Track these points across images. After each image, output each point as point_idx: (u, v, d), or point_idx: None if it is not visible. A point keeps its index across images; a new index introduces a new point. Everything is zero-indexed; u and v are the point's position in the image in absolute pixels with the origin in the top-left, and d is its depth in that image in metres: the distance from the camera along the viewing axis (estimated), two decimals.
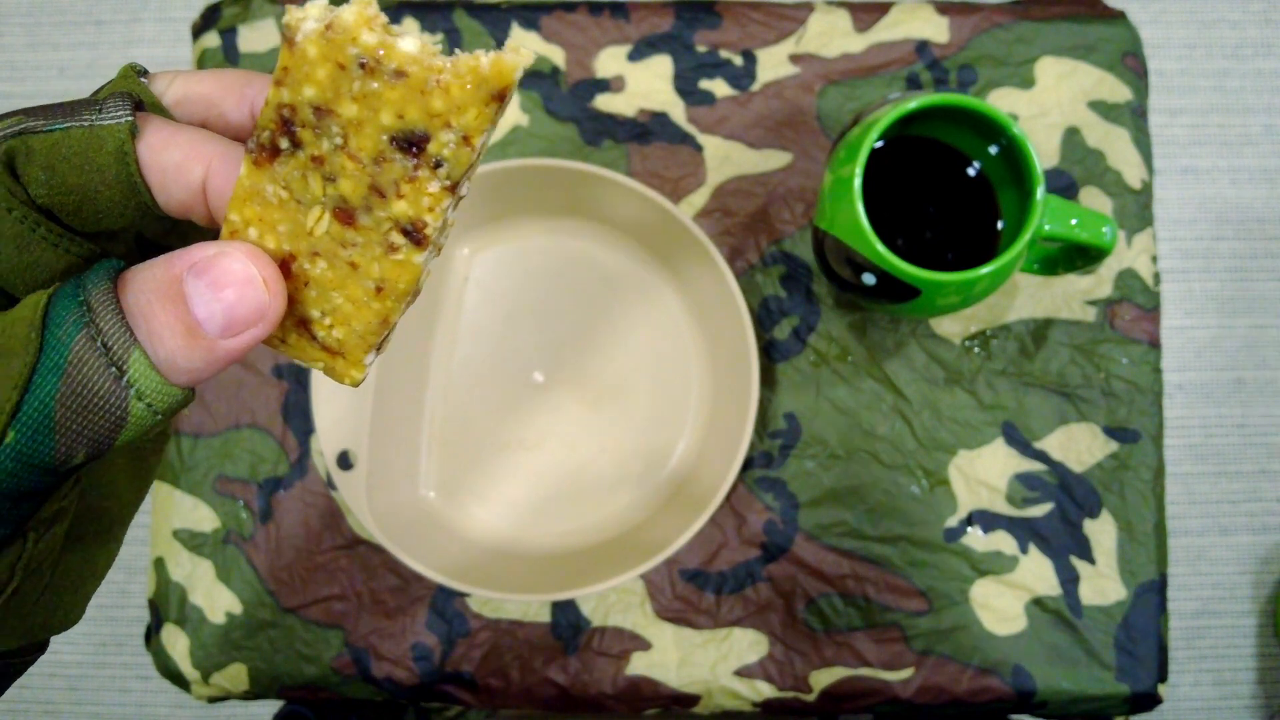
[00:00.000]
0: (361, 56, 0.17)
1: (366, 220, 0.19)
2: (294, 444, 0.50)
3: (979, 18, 0.52)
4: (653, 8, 0.53)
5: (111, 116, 0.18)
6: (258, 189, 0.18)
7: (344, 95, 0.17)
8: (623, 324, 0.51)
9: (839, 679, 0.48)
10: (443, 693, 0.49)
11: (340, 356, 0.21)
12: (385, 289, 0.19)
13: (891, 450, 0.50)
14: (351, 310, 0.20)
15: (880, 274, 0.40)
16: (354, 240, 0.19)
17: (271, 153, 0.18)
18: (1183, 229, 1.06)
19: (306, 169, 0.18)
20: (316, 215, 0.19)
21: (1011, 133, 0.40)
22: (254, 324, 0.18)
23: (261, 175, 0.18)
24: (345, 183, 0.18)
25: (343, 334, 0.20)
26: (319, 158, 0.18)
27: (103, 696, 1.02)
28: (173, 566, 0.50)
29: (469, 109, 0.17)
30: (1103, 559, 0.49)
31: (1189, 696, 0.99)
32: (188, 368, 0.18)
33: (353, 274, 0.19)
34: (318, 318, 0.20)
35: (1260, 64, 1.08)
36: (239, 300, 0.18)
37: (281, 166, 0.18)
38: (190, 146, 0.19)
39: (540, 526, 0.49)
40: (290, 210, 0.19)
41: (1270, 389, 1.03)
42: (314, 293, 0.20)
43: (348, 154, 0.18)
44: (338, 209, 0.19)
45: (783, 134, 0.52)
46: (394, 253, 0.19)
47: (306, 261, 0.19)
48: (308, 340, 0.21)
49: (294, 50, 0.17)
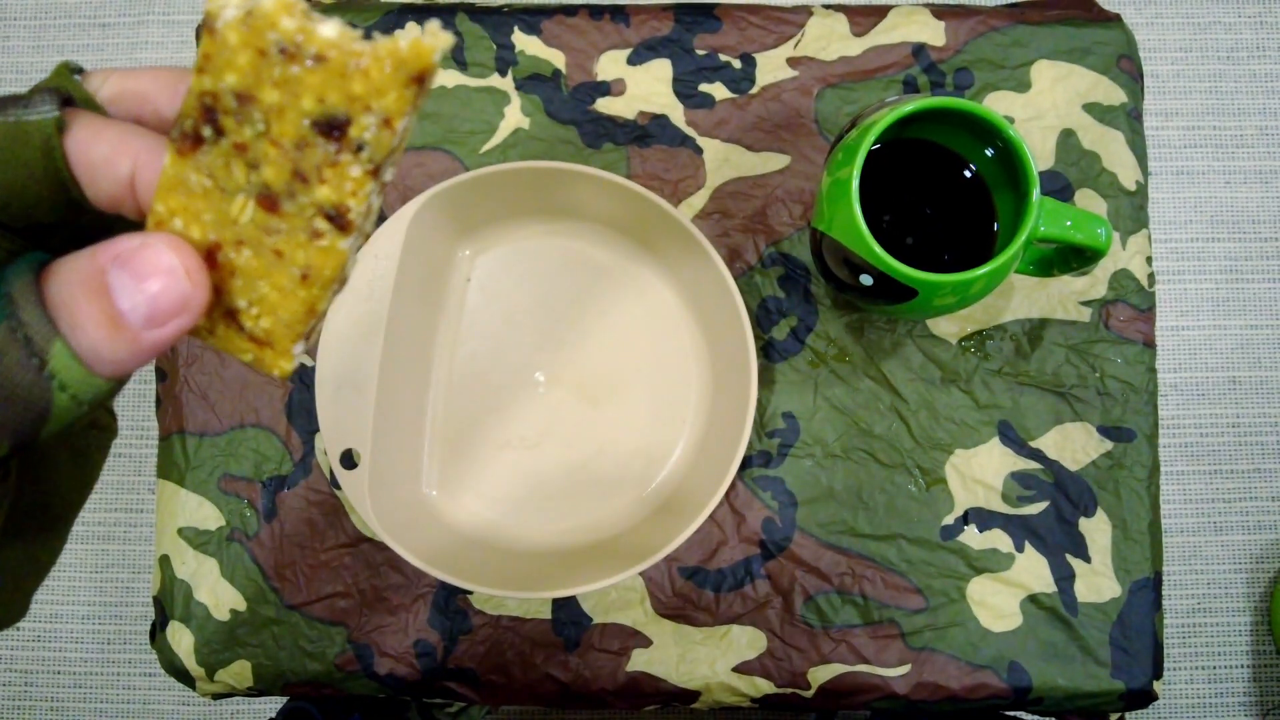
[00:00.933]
0: (281, 42, 0.17)
1: (290, 206, 0.19)
2: (298, 443, 0.51)
3: (975, 21, 0.53)
4: (652, 11, 0.54)
5: (37, 112, 0.18)
6: (182, 178, 0.19)
7: (265, 81, 0.17)
8: (623, 324, 0.51)
9: (837, 675, 0.48)
10: (445, 689, 0.50)
11: (268, 347, 0.21)
12: (311, 276, 0.19)
13: (889, 449, 0.50)
14: (278, 299, 0.20)
15: (877, 275, 0.40)
16: (278, 227, 0.19)
17: (194, 141, 0.18)
18: (1177, 230, 1.06)
19: (230, 157, 0.18)
20: (241, 203, 0.19)
21: (1007, 135, 0.40)
22: (178, 315, 0.18)
23: (185, 164, 0.18)
24: (268, 169, 0.18)
25: (270, 324, 0.20)
26: (242, 145, 0.18)
27: (108, 693, 1.02)
28: (177, 564, 0.50)
29: (389, 92, 0.17)
30: (1098, 557, 0.49)
31: (1184, 693, 1.00)
32: (112, 359, 0.18)
33: (278, 262, 0.19)
34: (244, 308, 0.20)
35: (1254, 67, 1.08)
36: (162, 291, 0.18)
37: (205, 155, 0.18)
38: (118, 140, 0.19)
39: (541, 525, 0.50)
40: (215, 199, 0.19)
41: (1264, 389, 1.04)
42: (240, 282, 0.20)
43: (270, 140, 0.18)
44: (261, 195, 0.19)
45: (781, 136, 0.52)
46: (318, 239, 0.19)
47: (232, 250, 0.19)
48: (235, 331, 0.21)
49: (215, 37, 0.17)
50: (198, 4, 1.13)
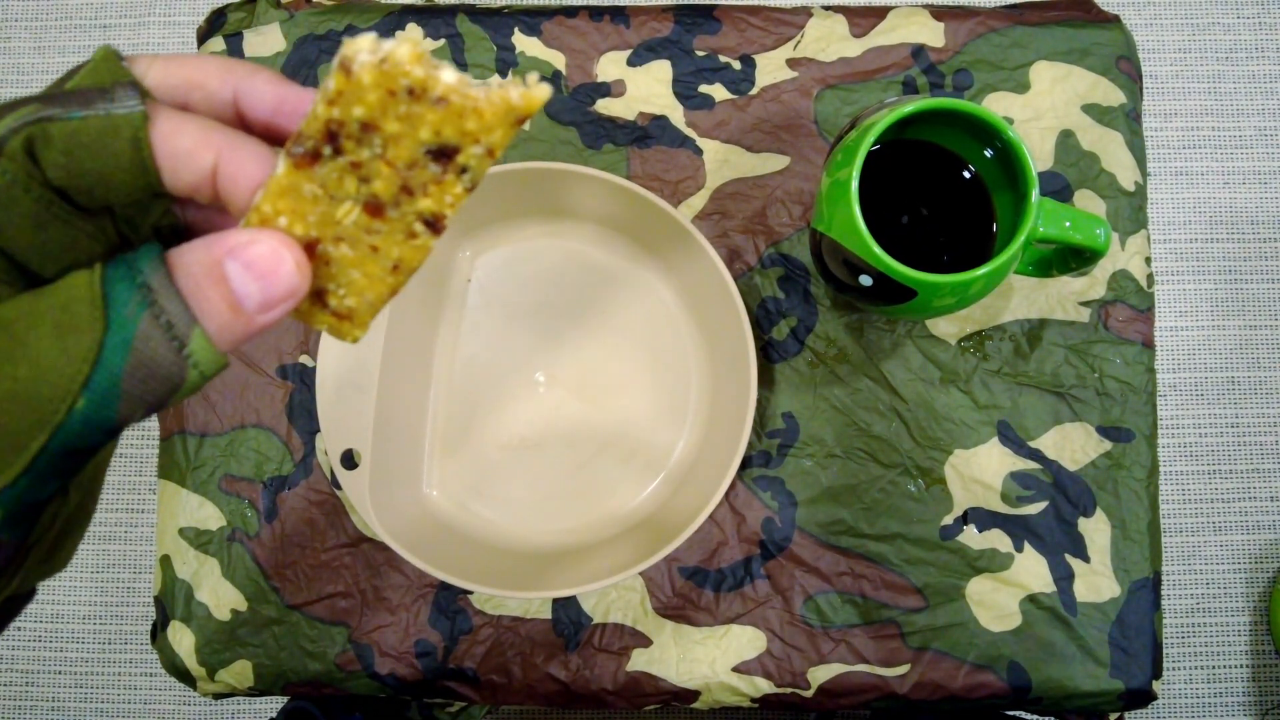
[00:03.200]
0: (410, 85, 0.19)
1: (393, 213, 0.21)
2: (299, 443, 0.51)
3: (974, 23, 0.53)
4: (652, 13, 0.54)
5: (125, 106, 0.20)
6: (295, 186, 0.20)
7: (390, 115, 0.19)
8: (623, 325, 0.51)
9: (836, 675, 0.49)
10: (445, 689, 0.50)
11: (348, 320, 0.23)
12: (401, 267, 0.22)
13: (888, 449, 0.50)
14: (366, 284, 0.22)
15: (877, 276, 0.40)
16: (378, 228, 0.21)
17: (313, 158, 0.20)
18: (1176, 231, 1.07)
19: (344, 172, 0.20)
20: (347, 209, 0.21)
21: (1006, 136, 0.40)
22: (285, 300, 0.21)
23: (300, 176, 0.20)
24: (379, 183, 0.20)
25: (355, 303, 0.22)
26: (357, 163, 0.20)
27: (109, 693, 1.02)
28: (179, 564, 0.51)
29: (496, 130, 0.20)
30: (1097, 557, 0.49)
31: (1183, 693, 1.00)
32: (230, 338, 0.20)
33: (373, 255, 0.22)
34: (333, 290, 0.22)
35: (1253, 67, 1.09)
36: (273, 281, 0.20)
37: (320, 169, 0.20)
38: (200, 134, 0.20)
39: (541, 524, 0.50)
40: (322, 204, 0.21)
41: (1263, 389, 1.04)
42: (334, 269, 0.22)
43: (385, 161, 0.20)
44: (368, 203, 0.21)
45: (780, 137, 0.52)
46: (414, 239, 0.21)
47: (331, 245, 0.21)
48: (319, 308, 0.23)
49: (350, 77, 0.19)
50: (198, 6, 1.13)
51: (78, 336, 0.19)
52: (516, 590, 0.44)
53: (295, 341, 0.52)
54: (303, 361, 0.52)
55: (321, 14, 0.54)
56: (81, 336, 0.19)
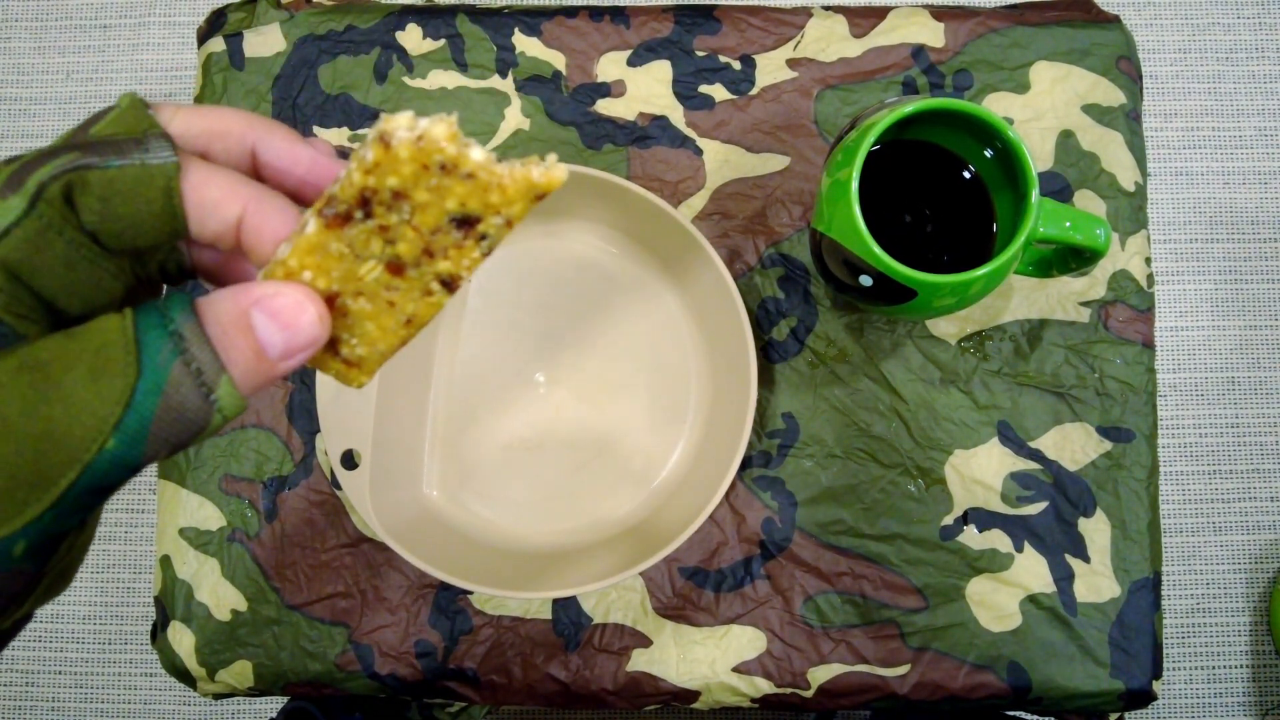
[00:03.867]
0: (443, 161, 0.20)
1: (413, 273, 0.22)
2: (299, 444, 0.51)
3: (974, 23, 0.53)
4: (652, 13, 0.54)
5: (159, 156, 0.21)
6: (323, 245, 0.22)
7: (421, 186, 0.21)
8: (623, 325, 0.51)
9: (836, 675, 0.49)
10: (445, 689, 0.50)
11: (356, 368, 0.24)
12: (414, 321, 0.23)
13: (888, 449, 0.50)
14: (379, 335, 0.23)
15: (877, 276, 0.40)
16: (398, 285, 0.23)
17: (344, 220, 0.21)
18: (1176, 231, 1.07)
19: (372, 234, 0.22)
20: (370, 267, 0.22)
21: (1006, 136, 0.40)
22: (306, 349, 0.22)
23: (329, 235, 0.21)
24: (403, 245, 0.22)
25: (365, 351, 0.24)
26: (385, 226, 0.21)
27: (109, 693, 1.02)
28: (179, 564, 0.51)
29: (517, 203, 0.22)
30: (1097, 557, 0.49)
31: (1183, 693, 1.00)
32: (253, 384, 0.21)
33: (389, 310, 0.23)
34: (346, 339, 0.23)
35: (1253, 68, 1.09)
36: (296, 332, 0.21)
37: (350, 230, 0.21)
38: (229, 187, 0.22)
39: (541, 525, 0.50)
40: (348, 262, 0.22)
41: (1263, 389, 1.04)
42: (350, 321, 0.23)
43: (411, 226, 0.22)
44: (390, 263, 0.22)
45: (780, 138, 0.52)
46: (429, 296, 0.23)
47: (350, 299, 0.23)
48: (332, 355, 0.24)
49: (389, 151, 0.20)
50: (198, 6, 1.13)
51: (111, 380, 0.19)
52: (516, 590, 0.44)
53: None
54: None
55: (321, 14, 0.54)
56: (115, 380, 0.20)
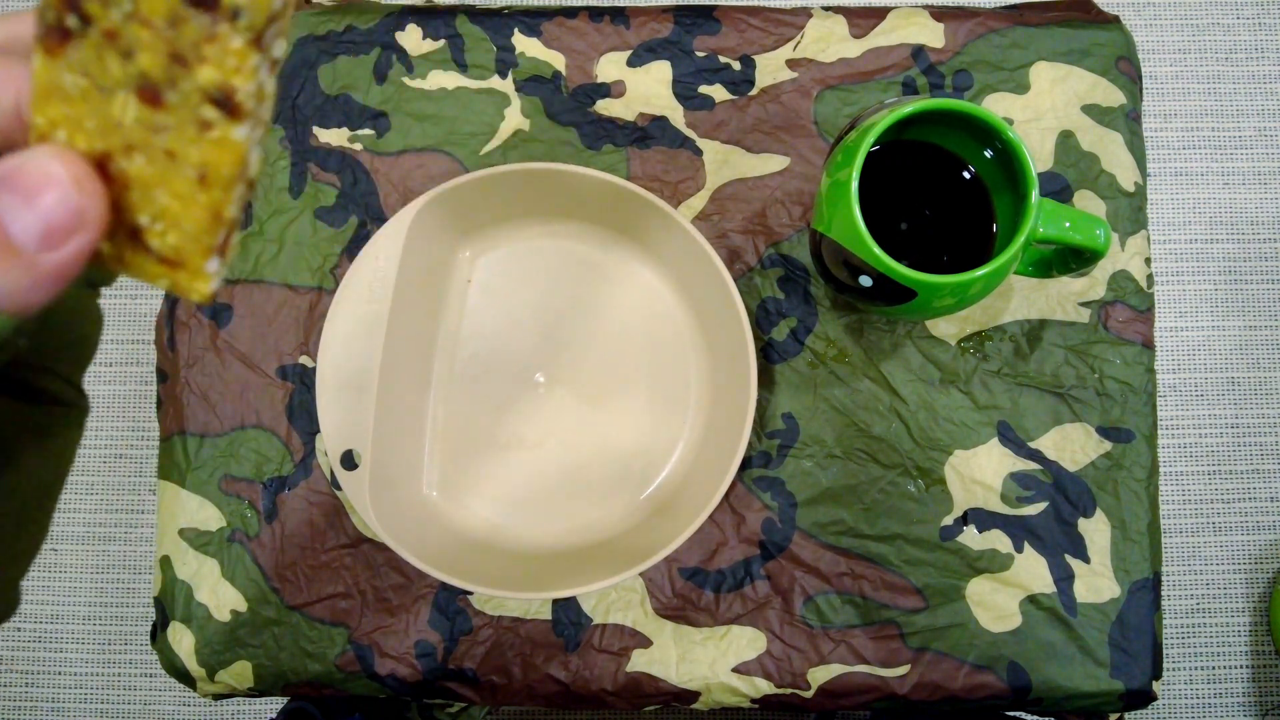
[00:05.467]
0: None
1: (173, 96, 0.18)
2: (298, 444, 0.51)
3: (974, 23, 0.53)
4: (652, 14, 0.54)
5: None
6: (56, 82, 0.18)
7: None
8: (623, 325, 0.51)
9: (836, 676, 0.49)
10: (445, 689, 0.50)
11: (180, 268, 0.20)
12: (209, 176, 0.18)
13: (888, 450, 0.50)
14: (179, 209, 0.19)
15: (877, 276, 0.40)
16: (165, 123, 0.18)
17: (61, 35, 0.17)
18: (1176, 232, 1.07)
19: (101, 47, 0.17)
20: (121, 101, 0.18)
21: (1006, 137, 0.40)
22: (74, 231, 0.17)
23: (56, 64, 0.17)
24: (143, 55, 0.17)
25: (176, 238, 0.19)
26: (112, 31, 0.17)
27: (109, 694, 1.02)
28: (178, 565, 0.51)
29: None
30: (1097, 557, 0.49)
31: (1183, 694, 1.00)
32: (11, 289, 0.17)
33: (172, 165, 0.18)
34: (147, 225, 0.19)
35: (1253, 68, 1.09)
36: (52, 206, 0.17)
37: (75, 51, 0.17)
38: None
39: (541, 525, 0.50)
40: (94, 100, 0.18)
41: (1263, 389, 1.04)
42: (137, 194, 0.19)
43: (140, 21, 0.17)
44: (141, 89, 0.17)
45: (780, 138, 0.52)
46: (209, 130, 0.18)
47: (123, 158, 0.18)
48: (144, 255, 0.20)
49: None
50: None
51: None
52: (516, 590, 0.44)
53: (295, 342, 0.52)
54: (303, 362, 0.52)
55: (321, 14, 0.54)
56: None
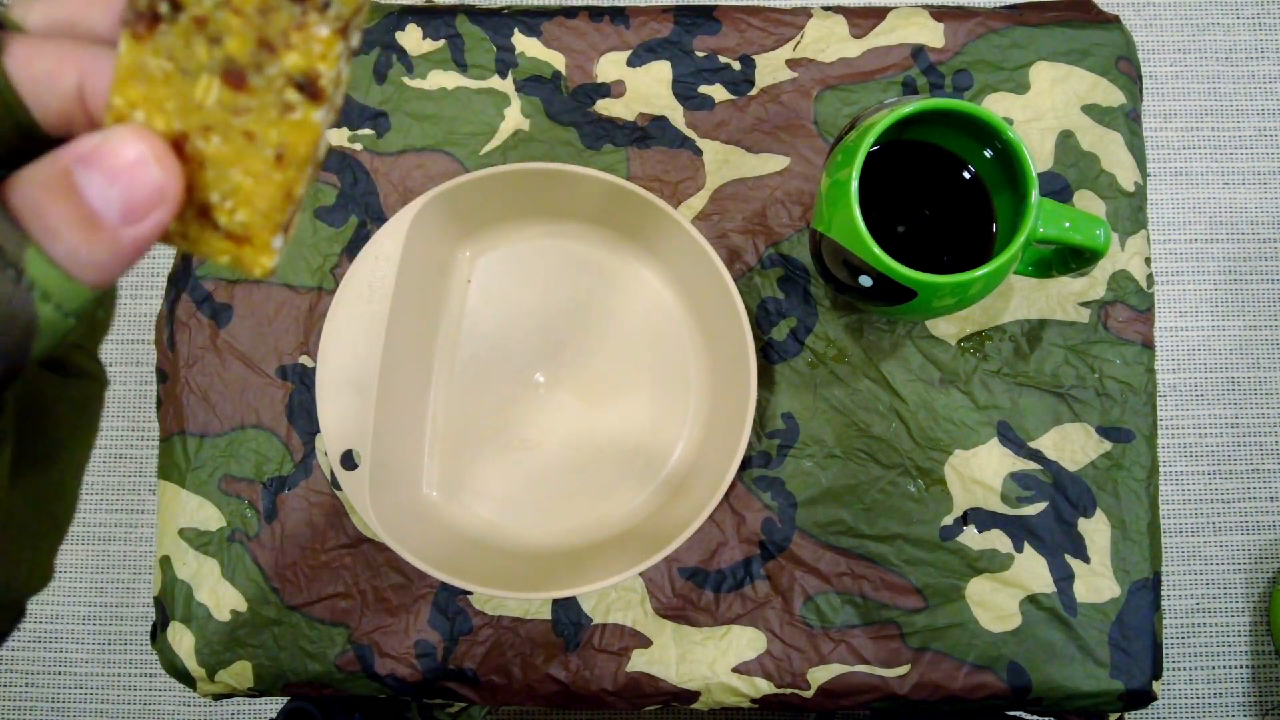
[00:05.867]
0: None
1: (258, 80, 0.18)
2: (298, 444, 0.51)
3: (974, 23, 0.53)
4: (652, 13, 0.54)
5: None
6: (140, 65, 0.18)
7: None
8: (623, 325, 0.51)
9: (836, 676, 0.49)
10: (445, 689, 0.50)
11: (246, 243, 0.20)
12: (286, 156, 0.19)
13: (888, 450, 0.50)
14: (253, 187, 0.19)
15: (877, 276, 0.40)
16: (247, 105, 0.18)
17: (151, 21, 0.17)
18: (1176, 231, 1.07)
19: (190, 33, 0.17)
20: (205, 83, 0.18)
21: (1006, 137, 0.40)
22: (155, 206, 0.17)
23: (143, 49, 0.17)
24: (231, 40, 0.17)
25: (246, 216, 0.19)
26: (202, 18, 0.17)
27: (109, 694, 1.02)
28: (178, 565, 0.51)
29: None
30: (1097, 557, 0.49)
31: (1183, 693, 1.00)
32: (93, 262, 0.17)
33: (249, 145, 0.18)
34: (218, 202, 0.19)
35: (1253, 68, 1.09)
36: (135, 182, 0.17)
37: (163, 36, 0.17)
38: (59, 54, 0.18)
39: (541, 525, 0.50)
40: (176, 83, 0.18)
41: (1263, 389, 1.04)
42: (211, 173, 0.19)
43: (231, 9, 0.17)
44: (226, 72, 0.18)
45: (780, 138, 0.52)
46: (290, 112, 0.18)
47: (200, 138, 0.18)
48: (210, 230, 0.20)
49: None
50: None
51: None
52: (516, 590, 0.44)
53: (295, 342, 0.52)
54: (303, 362, 0.52)
55: None
56: None
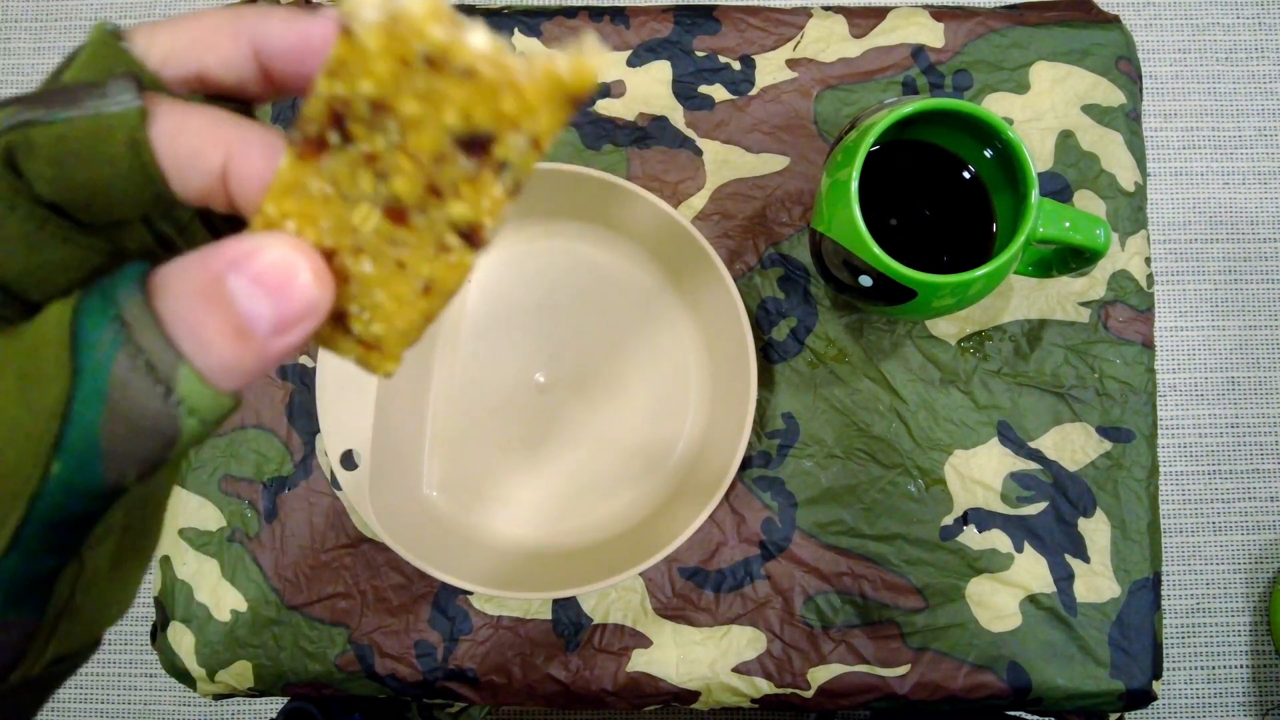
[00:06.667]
0: (428, 53, 0.15)
1: (420, 220, 0.17)
2: (299, 444, 0.51)
3: (974, 23, 0.53)
4: (652, 13, 0.54)
5: (118, 102, 0.17)
6: (301, 183, 0.17)
7: (405, 92, 0.16)
8: (623, 325, 0.51)
9: (836, 675, 0.49)
10: (445, 689, 0.50)
11: (376, 350, 0.20)
12: (434, 289, 0.18)
13: (888, 450, 0.50)
14: (395, 308, 0.19)
15: (877, 276, 0.40)
16: (404, 239, 0.18)
17: (318, 146, 0.17)
18: (1176, 231, 1.07)
19: (357, 165, 0.17)
20: (364, 213, 0.17)
21: (1006, 137, 0.40)
22: (305, 319, 0.17)
23: (306, 169, 0.17)
24: (400, 181, 0.17)
25: (382, 330, 0.19)
26: (372, 155, 0.17)
27: (109, 694, 1.02)
28: (179, 565, 0.51)
29: (541, 112, 0.16)
30: (1097, 557, 0.49)
31: (1183, 693, 1.00)
32: (239, 372, 0.17)
33: (400, 273, 0.18)
34: (356, 313, 0.19)
35: (1253, 68, 1.09)
36: (289, 296, 0.17)
37: (329, 161, 0.17)
38: (207, 131, 0.17)
39: (541, 525, 0.50)
40: (335, 206, 0.17)
41: (1262, 389, 1.04)
42: (355, 289, 0.18)
43: (405, 152, 0.16)
44: (389, 207, 0.17)
45: (780, 138, 0.52)
46: (447, 253, 0.18)
47: (349, 257, 0.18)
48: (342, 333, 0.19)
49: (352, 41, 0.15)
50: (198, 8, 1.13)
51: (43, 388, 0.16)
52: (516, 590, 0.44)
53: None
54: (303, 362, 0.52)
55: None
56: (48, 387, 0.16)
